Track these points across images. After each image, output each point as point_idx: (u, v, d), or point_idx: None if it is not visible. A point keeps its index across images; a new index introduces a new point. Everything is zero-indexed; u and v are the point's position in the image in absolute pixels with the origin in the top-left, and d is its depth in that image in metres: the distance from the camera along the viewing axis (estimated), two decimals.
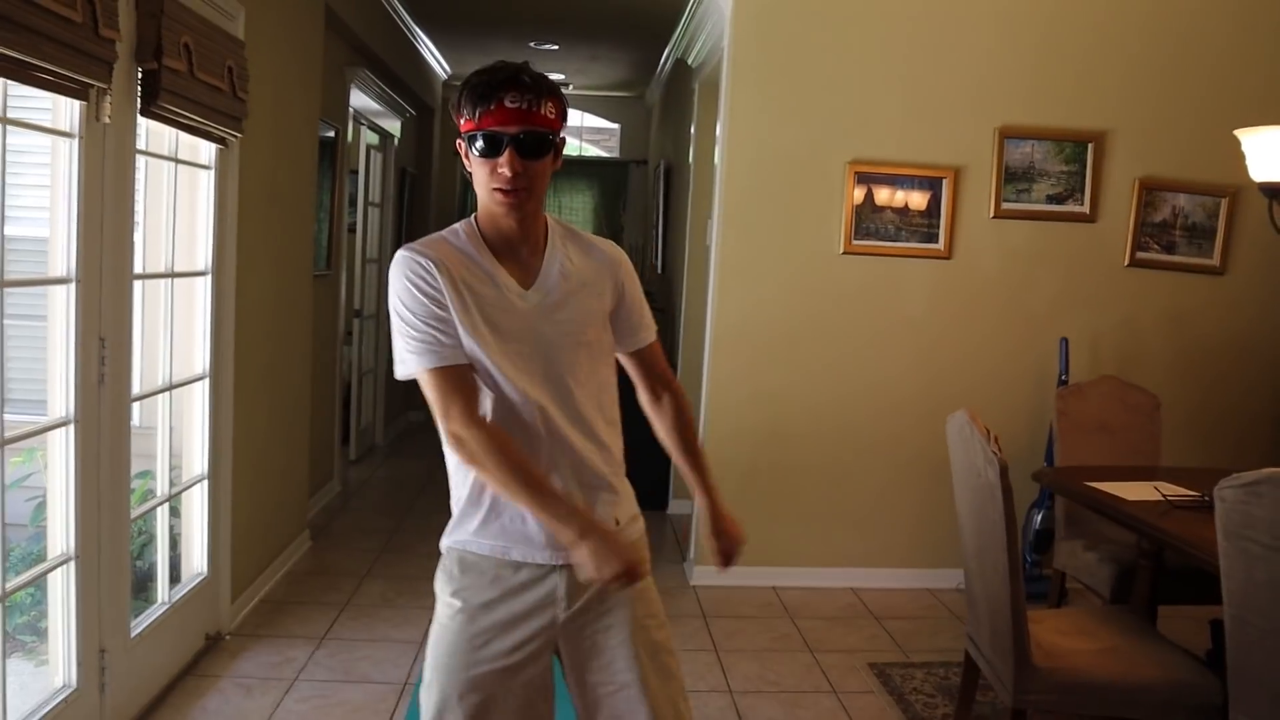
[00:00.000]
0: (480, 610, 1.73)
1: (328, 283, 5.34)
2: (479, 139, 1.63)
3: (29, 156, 3.70)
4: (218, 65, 3.06)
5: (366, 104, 6.05)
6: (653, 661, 1.78)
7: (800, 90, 4.36)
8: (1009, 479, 2.40)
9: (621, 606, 1.76)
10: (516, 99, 1.60)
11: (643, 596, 1.80)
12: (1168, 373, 4.55)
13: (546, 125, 1.64)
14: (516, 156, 1.61)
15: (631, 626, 1.76)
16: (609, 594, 1.73)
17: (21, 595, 3.18)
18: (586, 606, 1.75)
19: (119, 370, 2.71)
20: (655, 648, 1.79)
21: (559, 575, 1.73)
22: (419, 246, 1.69)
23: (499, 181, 1.63)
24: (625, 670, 1.75)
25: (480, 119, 1.62)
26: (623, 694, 1.75)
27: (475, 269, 1.68)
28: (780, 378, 4.46)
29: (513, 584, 1.73)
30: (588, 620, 1.76)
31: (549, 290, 1.71)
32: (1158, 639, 2.69)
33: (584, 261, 1.76)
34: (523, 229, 1.71)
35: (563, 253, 1.75)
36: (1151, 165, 4.51)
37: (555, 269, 1.73)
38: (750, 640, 3.86)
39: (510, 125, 1.61)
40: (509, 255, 1.71)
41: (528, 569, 1.73)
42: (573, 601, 1.74)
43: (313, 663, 3.44)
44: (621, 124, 9.67)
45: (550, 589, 1.73)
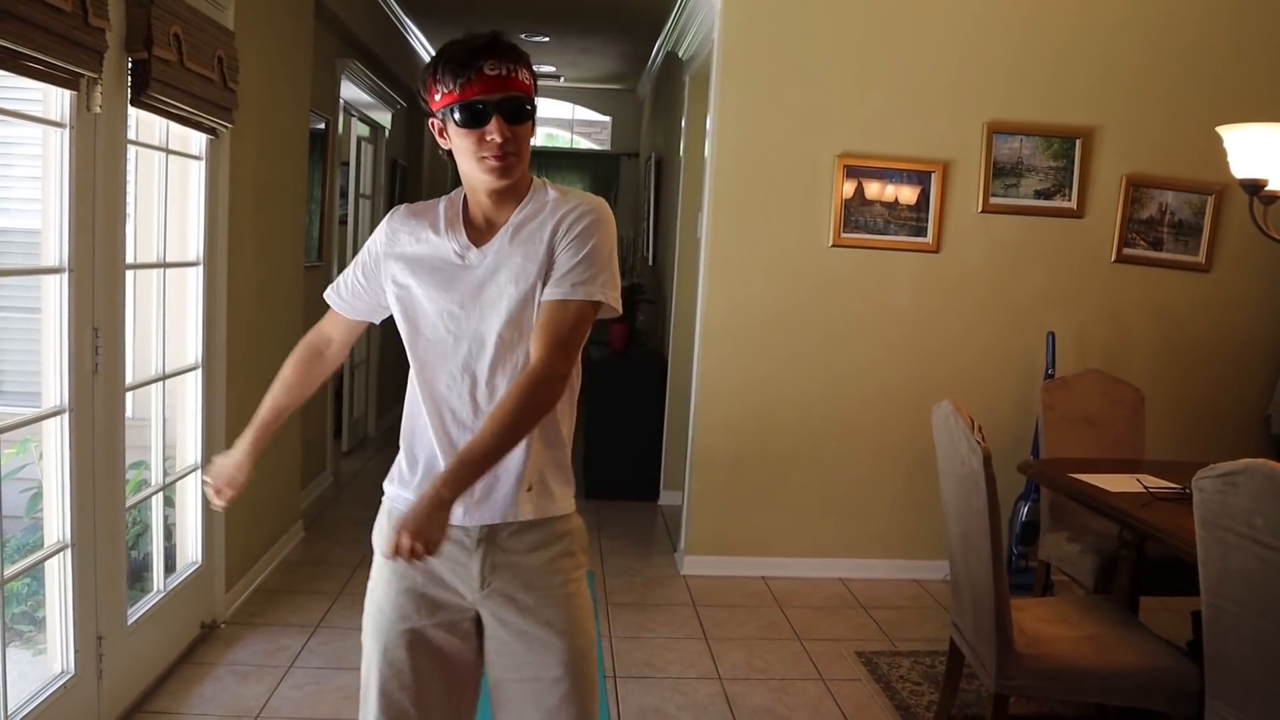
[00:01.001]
0: (406, 567, 1.71)
1: (319, 274, 5.35)
2: (459, 110, 1.61)
3: (20, 148, 3.71)
4: (208, 55, 3.08)
5: (357, 96, 6.05)
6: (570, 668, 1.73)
7: (790, 84, 4.39)
8: (992, 468, 2.43)
9: (547, 606, 1.73)
10: (496, 66, 1.61)
11: (569, 600, 1.75)
12: (1153, 368, 4.60)
13: (525, 90, 1.65)
14: (503, 123, 1.61)
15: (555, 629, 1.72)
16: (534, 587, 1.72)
17: (18, 585, 3.20)
18: (509, 587, 1.72)
19: (112, 360, 2.73)
20: (573, 655, 1.73)
21: (476, 554, 1.71)
22: (399, 215, 1.80)
23: (489, 150, 1.62)
24: (539, 666, 1.72)
25: (462, 89, 1.60)
26: (535, 687, 1.73)
27: (437, 227, 1.74)
28: (769, 369, 4.49)
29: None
30: (508, 604, 1.73)
31: (494, 246, 1.70)
32: (1138, 627, 2.73)
33: (540, 214, 1.71)
34: (500, 198, 1.70)
35: (529, 211, 1.71)
36: (1139, 162, 4.55)
37: (510, 227, 1.70)
38: (739, 629, 3.90)
39: (493, 92, 1.60)
40: (480, 221, 1.73)
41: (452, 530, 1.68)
42: (485, 583, 1.72)
43: (307, 650, 3.47)
44: (612, 117, 9.69)
45: (468, 559, 1.72)
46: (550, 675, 1.72)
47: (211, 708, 3.04)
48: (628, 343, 6.05)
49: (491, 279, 1.69)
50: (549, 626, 1.72)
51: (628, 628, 3.84)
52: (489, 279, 1.69)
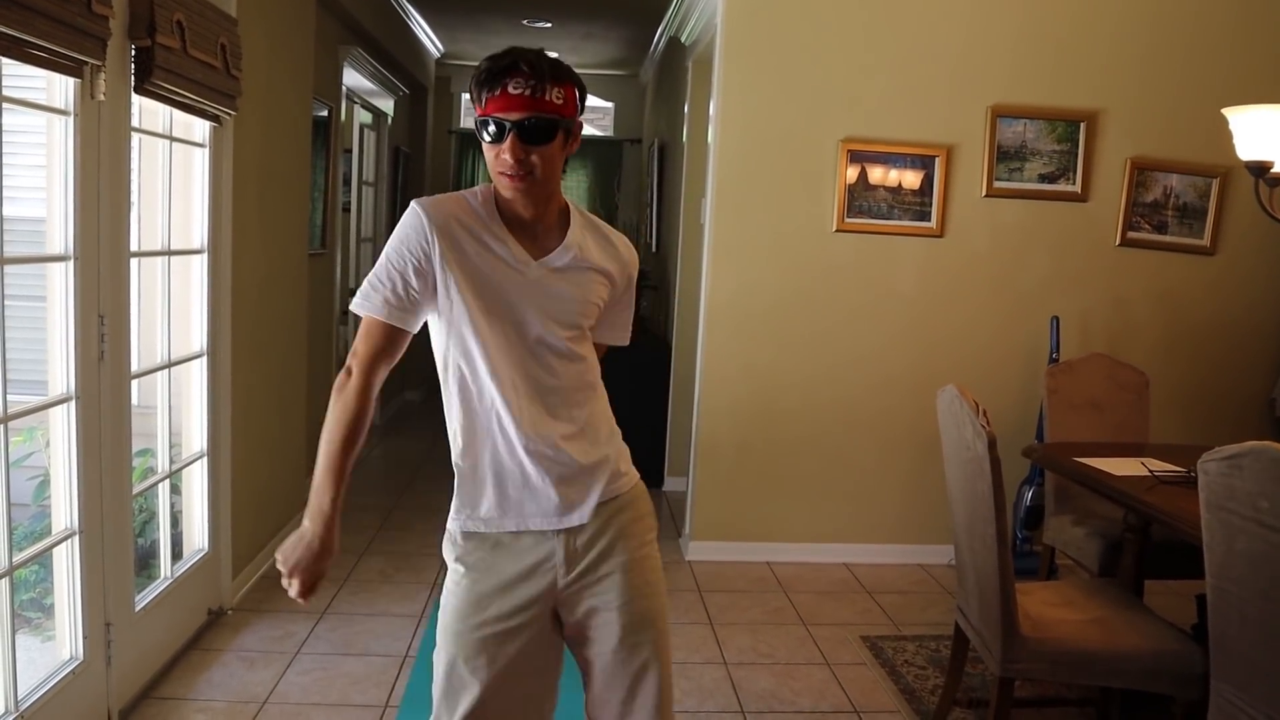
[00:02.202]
0: (482, 575, 1.78)
1: (323, 262, 5.35)
2: (486, 125, 1.65)
3: (24, 137, 3.71)
4: (210, 42, 3.07)
5: (360, 83, 6.04)
6: (648, 629, 1.81)
7: (793, 68, 4.37)
8: (997, 452, 2.44)
9: (617, 573, 1.80)
10: (520, 85, 1.62)
11: (640, 565, 1.82)
12: (1157, 351, 4.60)
13: (552, 111, 1.64)
14: (519, 143, 1.62)
15: (627, 594, 1.79)
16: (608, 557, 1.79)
17: (26, 572, 3.22)
18: (584, 571, 1.79)
19: (118, 347, 2.73)
20: (649, 615, 1.81)
21: (558, 540, 1.77)
22: (429, 203, 1.72)
23: (503, 167, 1.65)
24: (619, 634, 1.79)
25: (486, 105, 1.64)
26: (617, 655, 1.80)
27: (484, 231, 1.72)
28: (773, 355, 4.49)
29: (513, 549, 1.78)
30: (585, 585, 1.79)
31: (560, 268, 1.74)
32: (1143, 610, 2.74)
33: (599, 251, 1.80)
34: (534, 211, 1.73)
35: (580, 238, 1.78)
36: (1143, 145, 4.53)
37: (573, 251, 1.76)
38: (744, 614, 3.91)
39: (512, 112, 1.62)
40: (520, 229, 1.74)
41: (527, 535, 1.77)
42: (571, 567, 1.78)
43: (314, 636, 3.49)
44: (615, 103, 9.66)
45: (549, 552, 1.77)
46: (632, 640, 1.79)
47: (219, 693, 3.06)
48: (631, 329, 6.04)
49: (555, 290, 1.74)
50: (626, 591, 1.79)
51: None
52: (553, 290, 1.74)
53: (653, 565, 1.86)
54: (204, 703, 3.01)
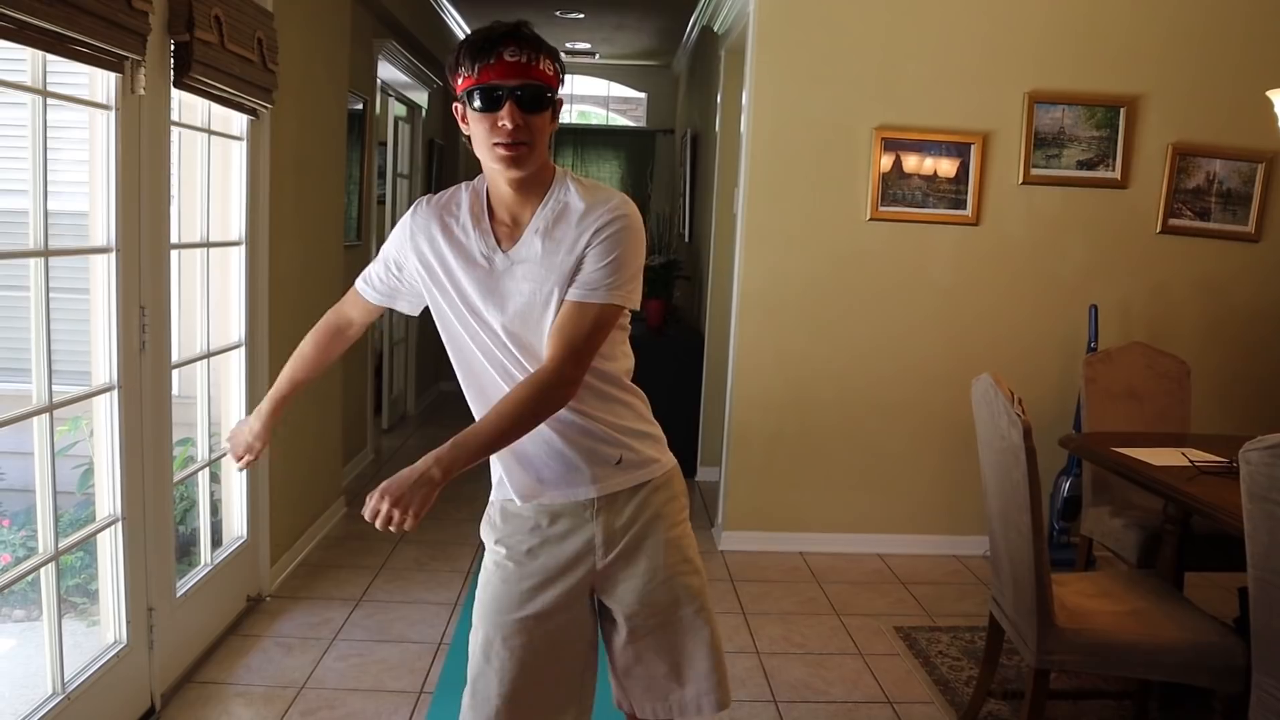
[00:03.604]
0: (522, 557, 1.81)
1: (358, 254, 5.40)
2: (478, 95, 1.63)
3: (67, 132, 3.77)
4: (248, 37, 3.10)
5: (394, 76, 6.08)
6: (689, 604, 1.83)
7: (826, 56, 4.35)
8: (1032, 441, 2.41)
9: (654, 552, 1.81)
10: (516, 53, 1.61)
11: (676, 544, 1.84)
12: (1199, 340, 4.52)
13: (545, 80, 1.64)
14: (517, 110, 1.61)
15: (664, 572, 1.81)
16: (643, 538, 1.81)
17: (72, 558, 3.29)
18: (622, 553, 1.81)
19: (159, 338, 2.78)
20: (689, 591, 1.83)
21: (596, 524, 1.79)
22: (426, 204, 1.82)
23: (500, 135, 1.62)
24: (657, 611, 1.81)
25: (480, 74, 1.61)
26: (657, 635, 1.82)
27: (465, 225, 1.75)
28: (806, 345, 4.48)
29: (551, 534, 1.80)
30: (621, 565, 1.81)
31: (522, 252, 1.71)
32: (1182, 602, 2.70)
33: (566, 217, 1.70)
34: (521, 189, 1.70)
35: (552, 211, 1.71)
36: (1186, 130, 4.46)
37: (534, 230, 1.71)
38: (777, 604, 3.91)
39: (510, 78, 1.61)
40: (504, 215, 1.74)
41: (565, 518, 1.79)
42: (609, 549, 1.80)
43: (350, 623, 3.53)
44: (648, 93, 9.65)
45: (589, 537, 1.80)
46: (671, 616, 1.82)
47: (258, 678, 3.11)
48: (664, 319, 6.05)
49: (517, 285, 1.71)
50: (665, 571, 1.81)
51: None
52: (515, 286, 1.71)
53: (689, 543, 1.88)
54: (243, 687, 3.06)
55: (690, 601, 1.84)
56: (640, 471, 1.82)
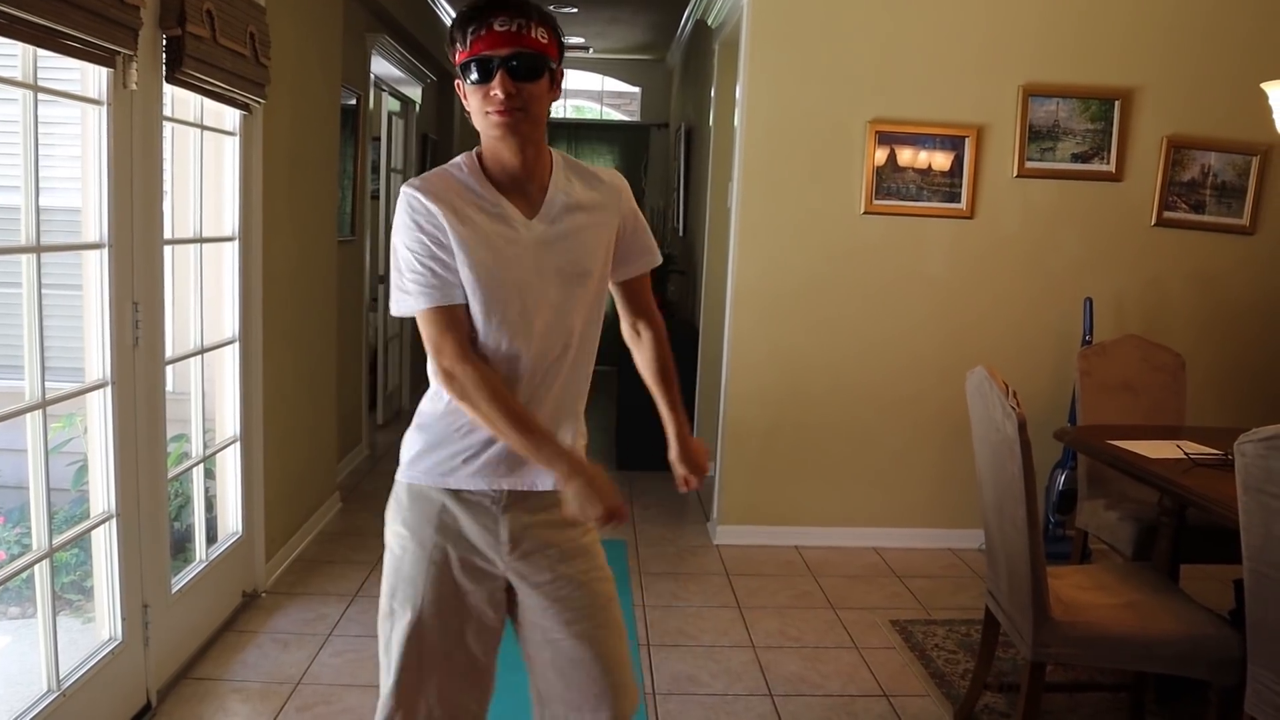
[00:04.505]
0: (427, 540, 1.76)
1: (352, 249, 5.39)
2: (472, 67, 1.62)
3: (60, 128, 3.76)
4: (240, 31, 3.09)
5: (388, 70, 6.06)
6: (601, 613, 1.79)
7: (820, 50, 4.34)
8: (1027, 433, 2.41)
9: (568, 558, 1.78)
10: (506, 22, 1.61)
11: (587, 550, 1.81)
12: (1194, 333, 4.53)
13: (538, 48, 1.63)
14: (509, 78, 1.61)
15: (580, 579, 1.78)
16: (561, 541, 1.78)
17: (67, 555, 3.27)
18: (531, 552, 1.76)
19: (152, 333, 2.77)
20: (603, 599, 1.80)
21: (505, 518, 1.75)
22: (419, 184, 1.68)
23: (492, 104, 1.62)
24: (572, 621, 1.77)
25: (471, 45, 1.61)
26: (568, 643, 1.77)
27: (477, 199, 1.69)
28: (801, 338, 4.48)
29: (458, 517, 1.75)
30: (535, 567, 1.77)
31: (553, 219, 1.71)
32: (1177, 594, 2.71)
33: (588, 192, 1.76)
34: (524, 158, 1.68)
35: (566, 183, 1.75)
36: (1180, 123, 4.46)
37: (560, 199, 1.72)
38: (772, 597, 3.91)
39: (501, 48, 1.60)
40: (512, 187, 1.71)
41: (474, 506, 1.74)
42: (515, 545, 1.75)
43: (345, 619, 3.53)
44: (642, 87, 9.63)
45: (494, 528, 1.75)
46: (582, 624, 1.78)
47: (254, 674, 3.11)
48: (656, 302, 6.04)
49: (551, 250, 1.71)
50: (578, 577, 1.78)
51: (661, 597, 3.87)
52: (549, 250, 1.71)
53: (597, 550, 1.85)
54: (239, 683, 3.05)
55: (602, 609, 1.80)
56: None
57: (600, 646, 1.78)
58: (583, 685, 1.78)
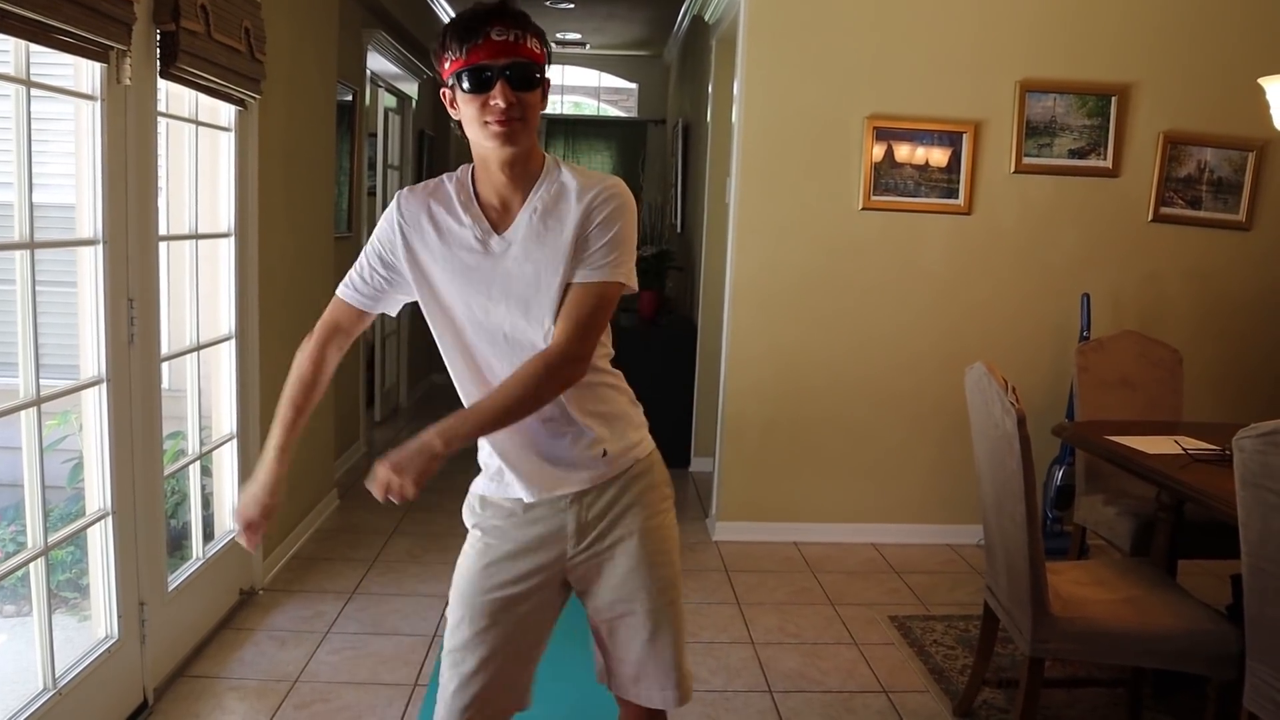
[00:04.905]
0: (496, 542, 1.82)
1: (348, 245, 5.37)
2: (466, 75, 1.61)
3: (53, 124, 3.74)
4: (235, 26, 3.08)
5: (384, 66, 6.04)
6: (659, 596, 1.82)
7: (818, 46, 4.33)
8: (1026, 429, 2.41)
9: (630, 540, 1.81)
10: (503, 32, 1.60)
11: (652, 534, 1.83)
12: (1191, 329, 4.53)
13: (533, 59, 1.63)
14: (508, 88, 1.60)
15: (636, 560, 1.81)
16: (618, 525, 1.81)
17: (62, 553, 3.26)
18: (596, 540, 1.81)
19: (147, 330, 2.76)
20: (660, 583, 1.83)
21: (570, 511, 1.79)
22: (407, 194, 1.76)
23: (492, 114, 1.61)
24: (627, 600, 1.81)
25: (468, 55, 1.60)
26: (628, 620, 1.82)
27: (453, 211, 1.72)
28: (799, 335, 4.47)
29: (525, 519, 1.81)
30: (596, 553, 1.81)
31: (519, 234, 1.70)
32: (1176, 590, 2.70)
33: (562, 200, 1.70)
34: (513, 173, 1.69)
35: (547, 193, 1.71)
36: (1177, 119, 4.46)
37: (530, 211, 1.70)
38: (771, 594, 3.91)
39: (499, 58, 1.60)
40: (495, 199, 1.72)
41: (540, 506, 1.80)
42: (582, 537, 1.80)
43: (343, 616, 3.52)
44: (639, 83, 9.61)
45: (560, 524, 1.80)
46: (644, 607, 1.81)
47: (251, 672, 3.10)
48: (657, 310, 6.04)
49: (519, 268, 1.69)
50: (638, 559, 1.80)
51: None
52: (517, 268, 1.69)
53: (666, 534, 1.86)
54: (237, 681, 3.04)
55: (660, 593, 1.83)
56: (619, 461, 1.81)
57: (659, 633, 1.82)
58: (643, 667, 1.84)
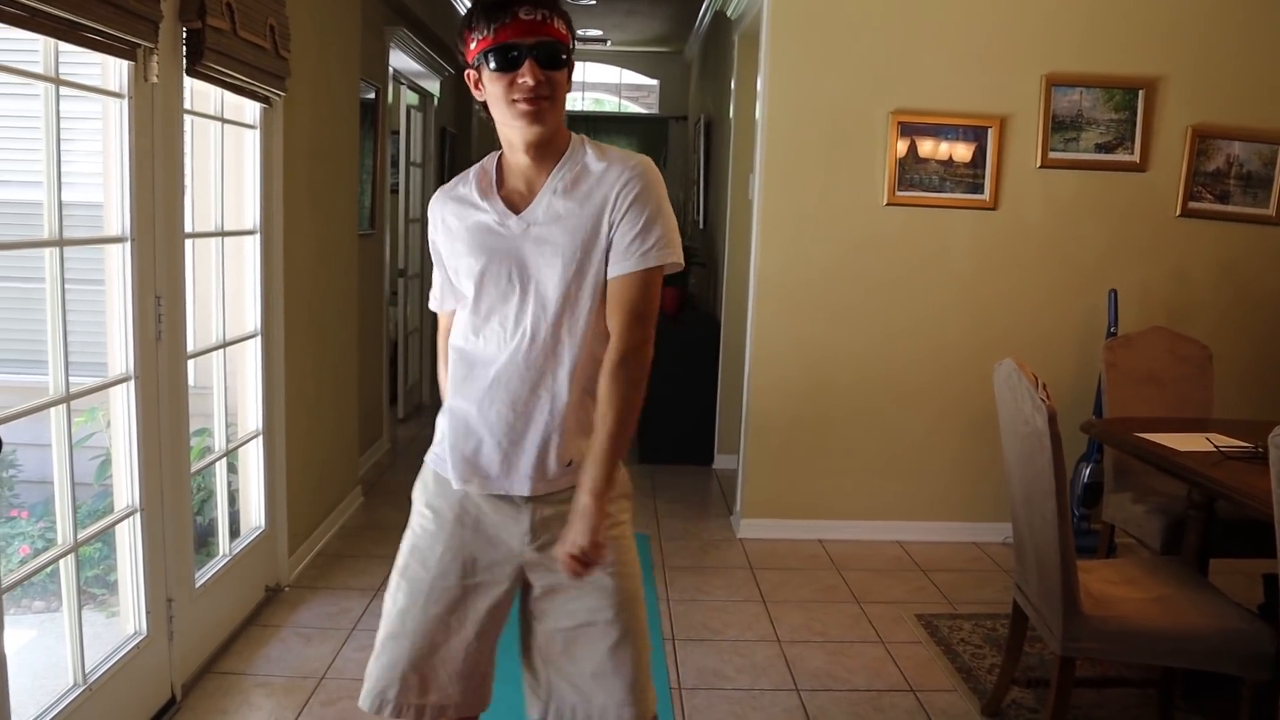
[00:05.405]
0: (450, 525, 1.78)
1: (372, 242, 5.38)
2: (493, 54, 1.61)
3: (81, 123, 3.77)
4: (260, 24, 3.09)
5: (406, 64, 6.05)
6: (621, 609, 1.75)
7: (842, 40, 4.30)
8: (1058, 426, 2.38)
9: None
10: (531, 11, 1.61)
11: (614, 543, 1.74)
12: (1220, 325, 4.47)
13: (560, 38, 1.64)
14: (537, 67, 1.60)
15: (600, 571, 1.71)
16: None
17: (91, 549, 3.28)
18: (550, 544, 1.74)
19: (174, 327, 2.77)
20: (623, 596, 1.76)
21: (525, 510, 1.75)
22: (436, 195, 1.82)
23: (520, 92, 1.61)
24: (591, 610, 1.74)
25: (496, 34, 1.60)
26: (589, 632, 1.75)
27: (474, 197, 1.74)
28: (824, 331, 4.45)
29: (482, 508, 1.76)
30: (549, 557, 1.74)
31: (539, 214, 1.69)
32: (1208, 589, 2.67)
33: (584, 180, 1.69)
34: (538, 154, 1.69)
35: (569, 173, 1.70)
36: (1205, 112, 4.40)
37: (551, 191, 1.70)
38: (796, 591, 3.89)
39: (527, 36, 1.60)
40: (520, 183, 1.73)
41: (495, 497, 1.76)
42: (536, 537, 1.75)
43: (369, 613, 3.52)
44: (660, 80, 9.61)
45: (518, 521, 1.75)
46: (604, 617, 1.75)
47: (278, 669, 3.11)
48: (680, 307, 6.03)
49: (538, 247, 1.68)
50: (600, 569, 1.72)
51: (685, 590, 3.85)
52: (534, 247, 1.68)
53: (627, 544, 1.79)
54: (263, 677, 3.06)
55: (623, 607, 1.75)
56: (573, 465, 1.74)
57: (620, 646, 1.75)
58: (602, 682, 1.75)
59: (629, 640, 1.76)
